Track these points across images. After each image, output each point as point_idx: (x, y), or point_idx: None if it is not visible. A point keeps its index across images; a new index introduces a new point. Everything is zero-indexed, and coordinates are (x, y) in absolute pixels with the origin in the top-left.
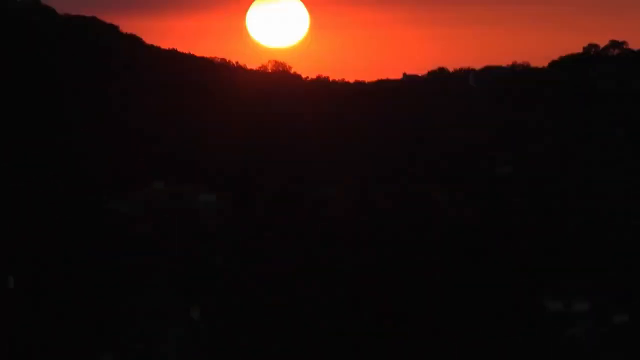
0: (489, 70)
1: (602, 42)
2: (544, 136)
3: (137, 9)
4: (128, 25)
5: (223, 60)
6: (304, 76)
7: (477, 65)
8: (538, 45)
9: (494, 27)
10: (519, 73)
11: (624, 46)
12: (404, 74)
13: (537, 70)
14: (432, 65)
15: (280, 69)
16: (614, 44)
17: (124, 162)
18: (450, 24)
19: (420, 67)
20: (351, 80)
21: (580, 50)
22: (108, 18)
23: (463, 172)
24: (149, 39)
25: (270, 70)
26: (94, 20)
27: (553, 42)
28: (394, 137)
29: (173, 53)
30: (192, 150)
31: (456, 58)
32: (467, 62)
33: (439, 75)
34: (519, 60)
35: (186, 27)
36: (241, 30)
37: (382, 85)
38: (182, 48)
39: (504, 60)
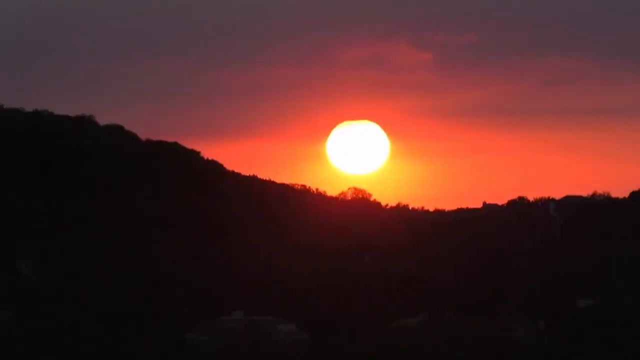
0: (569, 200)
1: None
2: (626, 268)
3: (219, 134)
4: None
5: (303, 186)
6: (383, 204)
7: (557, 195)
8: (618, 174)
9: (574, 156)
10: (599, 203)
11: None
12: (484, 203)
13: (617, 200)
14: (512, 194)
15: (360, 196)
16: None
17: (205, 290)
18: (530, 152)
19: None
20: (431, 208)
21: None
22: (189, 143)
23: (544, 304)
24: (229, 165)
25: (350, 198)
26: (175, 146)
27: (634, 172)
28: (474, 267)
29: (254, 179)
30: (272, 279)
31: (536, 187)
32: (547, 191)
33: (519, 205)
34: (600, 189)
35: (267, 152)
36: (322, 156)
37: (462, 214)
38: (263, 174)
39: (585, 190)
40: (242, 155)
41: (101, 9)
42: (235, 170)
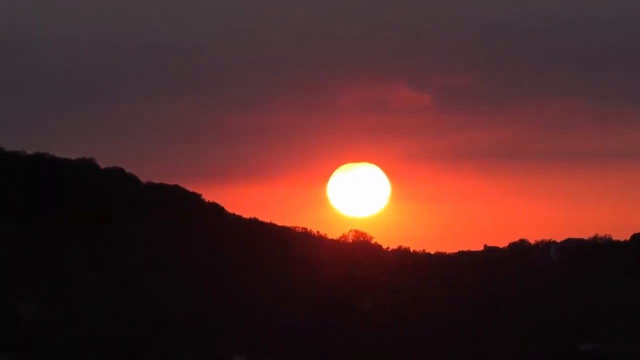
0: (570, 242)
1: None
2: (628, 312)
3: (220, 178)
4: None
5: (304, 229)
6: (384, 246)
7: (559, 237)
8: (620, 217)
9: (575, 199)
10: (601, 246)
11: None
12: (485, 245)
13: (619, 243)
14: (513, 237)
15: (361, 239)
16: None
17: (206, 333)
18: (531, 195)
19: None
20: (432, 251)
21: None
22: (191, 186)
23: (545, 348)
24: (230, 207)
25: (351, 240)
26: (176, 189)
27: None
28: (475, 311)
29: (255, 222)
30: (272, 323)
31: (537, 229)
32: (548, 234)
33: (520, 247)
34: (601, 232)
35: (268, 195)
36: (322, 198)
37: (464, 257)
38: (264, 217)
39: (586, 232)
40: (243, 198)
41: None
42: (237, 213)
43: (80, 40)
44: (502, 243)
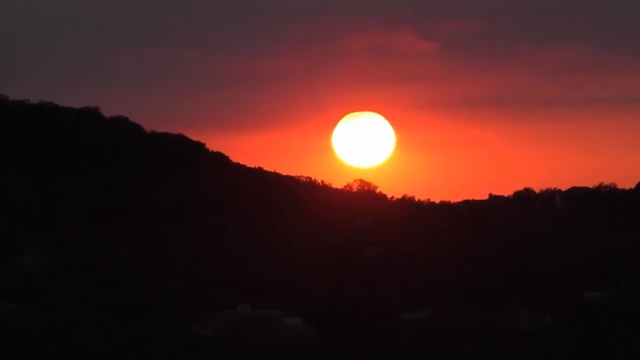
0: (575, 191)
1: None
2: (632, 259)
3: (224, 127)
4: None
5: (308, 179)
6: (389, 196)
7: (564, 186)
8: (625, 165)
9: (580, 147)
10: (605, 194)
11: None
12: (490, 194)
13: (624, 191)
14: (519, 186)
15: (366, 188)
16: None
17: (210, 283)
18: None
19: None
20: (437, 200)
21: None
22: (195, 135)
23: (551, 297)
24: (235, 156)
25: (355, 190)
26: (180, 138)
27: None
28: (480, 259)
29: (259, 172)
30: (277, 272)
31: (542, 178)
32: (553, 183)
33: (525, 196)
34: (606, 180)
35: (273, 144)
36: (327, 148)
37: (468, 206)
38: (268, 166)
39: (591, 181)
40: (247, 147)
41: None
42: (241, 163)
43: None
44: (507, 192)
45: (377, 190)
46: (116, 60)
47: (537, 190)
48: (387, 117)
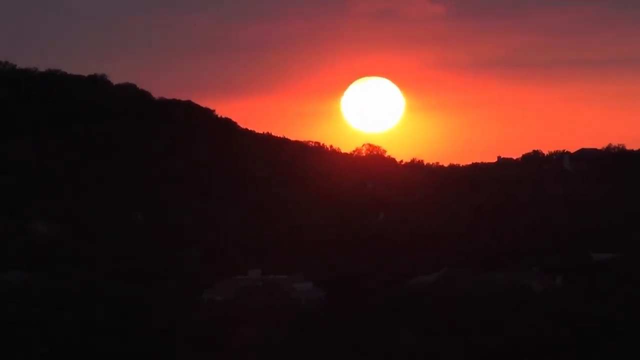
0: (583, 153)
1: None
2: None
3: (232, 92)
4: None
5: (317, 144)
6: (398, 160)
7: (572, 148)
8: (634, 126)
9: (588, 108)
10: (614, 155)
11: None
12: (499, 157)
13: (632, 152)
14: (527, 148)
15: (375, 152)
16: None
17: (220, 248)
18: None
19: (514, 149)
20: (446, 163)
21: None
22: (203, 101)
23: (560, 258)
24: (243, 122)
25: (364, 154)
26: (189, 104)
27: None
28: (489, 222)
29: (268, 137)
30: (286, 236)
31: (551, 140)
32: (562, 145)
33: (534, 158)
34: (614, 142)
35: (281, 109)
36: (336, 113)
37: (477, 169)
38: (277, 132)
39: (599, 142)
40: (255, 112)
41: None
42: (249, 128)
43: None
44: (516, 154)
45: (386, 155)
46: (122, 27)
47: (545, 152)
48: (395, 80)
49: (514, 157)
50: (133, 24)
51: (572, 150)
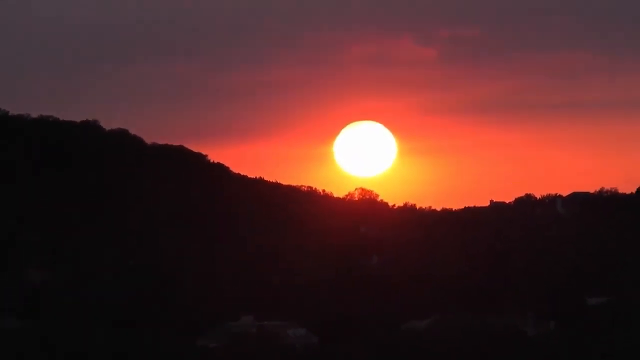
0: (576, 196)
1: None
2: (635, 265)
3: (225, 137)
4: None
5: (310, 188)
6: (390, 204)
7: (564, 191)
8: (626, 170)
9: (581, 152)
10: (606, 199)
11: None
12: (491, 201)
13: (625, 196)
14: (519, 191)
15: (367, 197)
16: None
17: (213, 294)
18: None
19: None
20: (438, 207)
21: None
22: (195, 147)
23: (553, 302)
24: (235, 167)
25: (357, 199)
26: (181, 149)
27: None
28: (482, 266)
29: (260, 182)
30: (279, 281)
31: (543, 183)
32: (554, 188)
33: (526, 202)
34: (607, 185)
35: (273, 154)
36: (329, 158)
37: (469, 212)
38: (269, 177)
39: (592, 186)
40: (248, 157)
41: (104, 13)
42: (242, 173)
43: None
44: (508, 198)
45: (379, 199)
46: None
47: (538, 196)
48: (387, 124)
49: (507, 201)
50: (125, 70)
51: (565, 193)
